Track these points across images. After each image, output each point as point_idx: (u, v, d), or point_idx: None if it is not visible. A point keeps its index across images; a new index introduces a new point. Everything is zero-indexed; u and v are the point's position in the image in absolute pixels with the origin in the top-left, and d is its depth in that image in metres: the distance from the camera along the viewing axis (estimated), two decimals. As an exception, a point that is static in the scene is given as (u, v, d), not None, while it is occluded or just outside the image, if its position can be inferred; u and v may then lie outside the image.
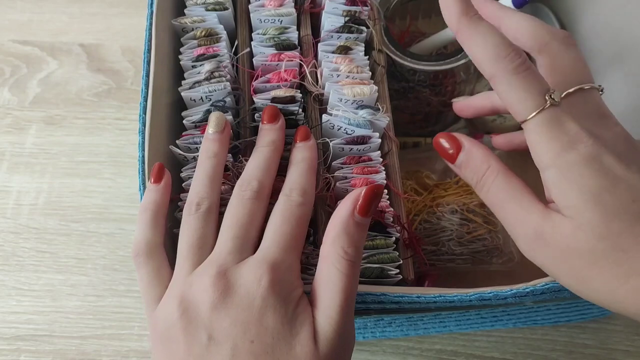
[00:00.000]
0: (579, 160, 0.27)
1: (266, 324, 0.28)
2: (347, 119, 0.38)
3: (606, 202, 0.27)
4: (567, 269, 0.29)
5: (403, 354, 0.49)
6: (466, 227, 0.46)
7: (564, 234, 0.28)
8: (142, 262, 0.32)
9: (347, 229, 0.30)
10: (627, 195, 0.27)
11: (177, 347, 0.28)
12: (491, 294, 0.33)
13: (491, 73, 0.29)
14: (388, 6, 0.49)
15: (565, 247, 0.28)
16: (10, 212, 0.55)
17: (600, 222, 0.27)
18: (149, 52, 0.39)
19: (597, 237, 0.27)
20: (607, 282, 0.28)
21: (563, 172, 0.28)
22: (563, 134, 0.28)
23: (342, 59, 0.40)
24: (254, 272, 0.29)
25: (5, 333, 0.50)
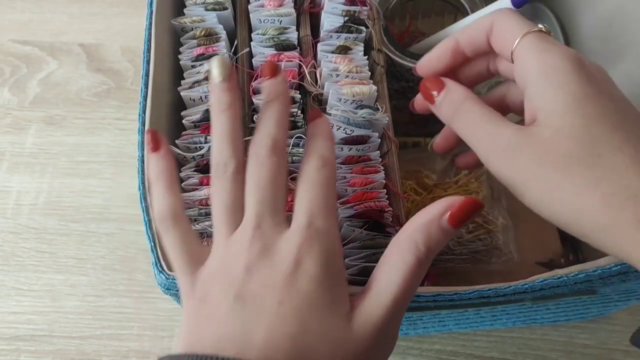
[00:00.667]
0: (566, 64, 0.29)
1: (299, 287, 0.27)
2: (347, 118, 0.38)
3: (589, 106, 0.28)
4: (537, 178, 0.29)
5: (402, 353, 0.49)
6: (466, 227, 0.46)
7: (541, 139, 0.28)
8: (170, 225, 0.30)
9: (428, 229, 0.29)
10: (611, 105, 0.28)
11: (209, 308, 0.28)
12: (490, 290, 0.33)
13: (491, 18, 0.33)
14: (387, 6, 0.49)
15: (539, 155, 0.28)
16: (10, 212, 0.55)
17: (580, 126, 0.28)
18: (148, 52, 0.39)
19: (575, 140, 0.28)
20: (576, 189, 0.27)
21: (549, 77, 0.29)
22: (551, 45, 0.30)
23: (342, 58, 0.40)
24: (294, 240, 0.28)
25: (5, 333, 0.50)
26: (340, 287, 0.28)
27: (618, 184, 0.26)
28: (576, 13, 0.53)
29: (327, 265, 0.28)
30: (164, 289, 0.34)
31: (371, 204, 0.36)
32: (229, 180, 0.30)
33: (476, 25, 0.34)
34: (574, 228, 0.28)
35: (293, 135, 0.38)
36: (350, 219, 0.35)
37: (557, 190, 0.28)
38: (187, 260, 0.29)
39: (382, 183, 0.37)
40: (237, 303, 0.27)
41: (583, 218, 0.27)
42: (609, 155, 0.27)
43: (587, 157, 0.27)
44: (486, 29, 0.33)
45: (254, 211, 0.29)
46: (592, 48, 0.51)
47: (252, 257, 0.28)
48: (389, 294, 0.28)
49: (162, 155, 0.32)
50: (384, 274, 0.29)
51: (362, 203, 0.36)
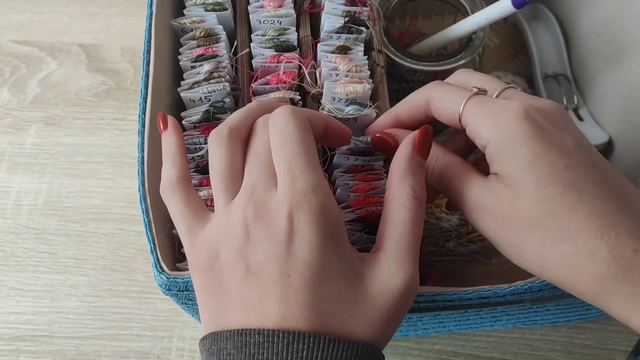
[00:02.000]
0: (513, 127, 0.29)
1: (302, 257, 0.27)
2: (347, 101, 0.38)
3: (540, 169, 0.28)
4: (506, 236, 0.30)
5: (402, 354, 0.49)
6: (465, 227, 0.46)
7: (502, 202, 0.29)
8: (169, 195, 0.31)
9: (411, 169, 0.31)
10: (560, 161, 0.29)
11: (218, 279, 0.28)
12: (490, 291, 0.33)
13: (425, 95, 0.34)
14: (388, 6, 0.49)
15: (505, 215, 0.30)
16: (10, 213, 0.55)
17: (534, 189, 0.28)
18: (148, 53, 0.39)
19: (531, 204, 0.28)
20: (539, 248, 0.29)
21: (500, 143, 0.29)
22: (493, 108, 0.30)
23: (341, 58, 0.40)
24: (279, 203, 0.28)
25: (5, 333, 0.50)
26: (343, 246, 0.28)
27: (575, 245, 0.28)
28: (576, 13, 0.53)
29: (322, 226, 0.27)
30: (164, 289, 0.34)
31: (372, 208, 0.36)
32: (220, 145, 0.31)
33: (412, 103, 0.35)
34: (543, 278, 0.30)
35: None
36: (352, 222, 0.35)
37: (522, 248, 0.30)
38: (187, 227, 0.30)
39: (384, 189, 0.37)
40: (247, 275, 0.28)
41: (548, 273, 0.29)
42: (565, 217, 0.28)
43: (545, 219, 0.28)
44: (422, 106, 0.34)
45: (249, 179, 0.29)
46: (592, 48, 0.51)
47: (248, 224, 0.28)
48: (406, 248, 0.29)
49: (167, 133, 0.33)
50: (392, 227, 0.30)
51: (364, 207, 0.36)
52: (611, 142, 0.48)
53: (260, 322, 0.27)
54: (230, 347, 0.27)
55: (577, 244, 0.28)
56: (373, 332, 0.28)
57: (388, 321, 0.28)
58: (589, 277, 0.27)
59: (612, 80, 0.49)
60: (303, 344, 0.26)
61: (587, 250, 0.27)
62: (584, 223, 0.27)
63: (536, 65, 0.54)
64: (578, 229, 0.27)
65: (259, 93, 0.40)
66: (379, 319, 0.28)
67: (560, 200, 0.28)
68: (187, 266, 0.33)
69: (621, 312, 0.27)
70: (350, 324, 0.27)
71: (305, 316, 0.27)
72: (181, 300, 0.35)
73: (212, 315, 0.29)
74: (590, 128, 0.50)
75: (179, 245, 0.36)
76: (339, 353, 0.26)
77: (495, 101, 0.31)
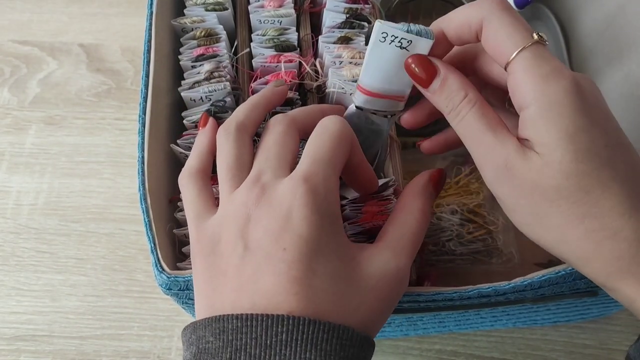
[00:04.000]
0: (562, 97, 0.28)
1: (300, 232, 0.27)
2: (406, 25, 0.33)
3: (580, 142, 0.28)
4: (527, 204, 0.29)
5: (402, 354, 0.49)
6: (466, 227, 0.46)
7: (532, 169, 0.28)
8: (185, 182, 0.32)
9: (425, 193, 0.33)
10: (601, 139, 0.28)
11: (218, 261, 0.29)
12: (490, 289, 0.33)
13: (480, 16, 0.30)
14: (389, 6, 0.49)
15: (531, 182, 0.29)
16: (10, 212, 0.55)
17: (569, 161, 0.28)
18: (148, 53, 0.39)
19: (564, 175, 0.28)
20: (561, 220, 0.28)
21: (543, 109, 0.28)
22: (549, 68, 0.28)
23: (344, 47, 0.40)
24: (289, 186, 0.29)
25: (5, 333, 0.50)
26: (340, 232, 0.29)
27: (601, 222, 0.27)
28: (576, 13, 0.53)
29: (321, 209, 0.28)
30: (164, 289, 0.33)
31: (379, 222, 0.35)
32: (228, 139, 0.32)
33: (464, 19, 0.31)
34: (555, 252, 0.30)
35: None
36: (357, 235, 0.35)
37: (543, 218, 0.29)
38: (196, 213, 0.31)
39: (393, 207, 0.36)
40: (245, 253, 0.28)
41: (563, 247, 0.29)
42: (597, 193, 0.28)
43: (575, 192, 0.28)
44: (474, 28, 0.30)
45: (257, 168, 0.30)
46: (592, 48, 0.51)
47: (251, 205, 0.29)
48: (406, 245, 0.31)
49: (204, 130, 0.35)
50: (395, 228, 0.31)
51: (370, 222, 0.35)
52: (611, 142, 0.48)
53: (252, 298, 0.27)
54: (209, 335, 0.27)
55: (602, 222, 0.27)
56: (362, 313, 0.28)
57: (378, 304, 0.29)
58: (607, 256, 0.27)
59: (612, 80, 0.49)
60: (282, 327, 0.26)
61: (612, 229, 0.27)
62: (614, 202, 0.27)
63: (536, 65, 0.54)
64: (607, 208, 0.27)
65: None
66: (370, 300, 0.28)
67: (596, 177, 0.27)
68: (188, 265, 0.33)
69: (631, 294, 0.27)
70: (341, 303, 0.28)
71: (296, 290, 0.27)
72: (182, 300, 0.35)
73: (207, 298, 0.29)
74: (591, 128, 0.50)
75: (180, 245, 0.36)
76: (319, 335, 0.26)
77: (551, 61, 0.29)
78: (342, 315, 0.27)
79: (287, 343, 0.26)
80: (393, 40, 0.32)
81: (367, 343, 0.28)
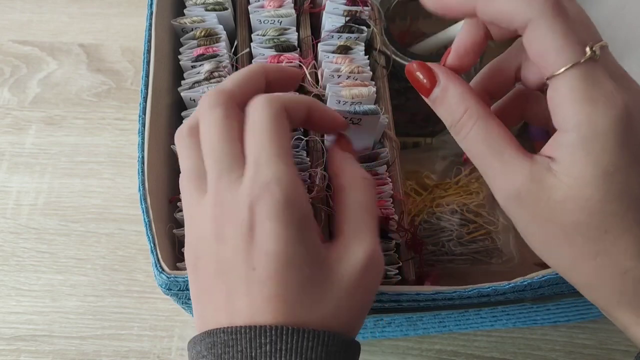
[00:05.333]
0: (607, 128, 0.25)
1: (266, 249, 0.26)
2: (353, 105, 0.36)
3: (615, 182, 0.25)
4: (539, 232, 0.28)
5: (402, 354, 0.49)
6: (466, 227, 0.46)
7: (551, 200, 0.26)
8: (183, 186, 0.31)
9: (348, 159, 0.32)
10: (637, 177, 0.26)
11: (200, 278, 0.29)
12: (490, 288, 0.33)
13: (527, 17, 0.25)
14: (389, 6, 0.49)
15: (548, 213, 0.27)
16: (10, 212, 0.55)
17: (598, 201, 0.25)
18: (148, 53, 0.39)
19: (587, 212, 0.26)
20: (574, 253, 0.27)
21: (586, 140, 0.25)
22: (599, 93, 0.25)
23: (343, 58, 0.40)
24: (245, 199, 0.27)
25: (5, 333, 0.50)
26: (309, 236, 0.27)
27: (613, 260, 0.26)
28: (576, 13, 0.53)
29: (285, 217, 0.26)
30: (164, 289, 0.34)
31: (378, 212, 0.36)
32: (182, 146, 0.30)
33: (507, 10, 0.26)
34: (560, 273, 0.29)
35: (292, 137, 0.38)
36: None
37: (554, 247, 0.28)
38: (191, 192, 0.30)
39: (389, 193, 0.37)
40: (218, 274, 0.28)
41: (571, 273, 0.28)
42: (615, 234, 0.26)
43: (594, 230, 0.26)
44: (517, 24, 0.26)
45: (212, 175, 0.28)
46: (593, 48, 0.51)
47: (218, 224, 0.28)
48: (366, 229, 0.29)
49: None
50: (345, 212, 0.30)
51: None
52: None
53: (231, 319, 0.27)
54: (203, 349, 0.27)
55: (614, 260, 0.26)
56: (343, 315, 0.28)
57: (357, 299, 0.28)
58: (612, 289, 0.27)
59: (612, 80, 0.49)
60: (266, 338, 0.26)
61: (623, 267, 0.26)
62: (631, 243, 0.26)
63: (536, 65, 0.54)
64: (623, 248, 0.26)
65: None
66: (348, 299, 0.28)
67: (620, 218, 0.26)
68: None
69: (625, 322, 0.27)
70: (320, 310, 0.27)
71: (272, 308, 0.26)
72: (181, 300, 0.35)
73: (198, 312, 0.29)
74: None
75: (179, 245, 0.36)
76: (303, 343, 0.26)
77: (603, 84, 0.25)
78: (323, 322, 0.27)
79: (272, 354, 0.25)
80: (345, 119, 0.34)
81: (353, 346, 0.28)
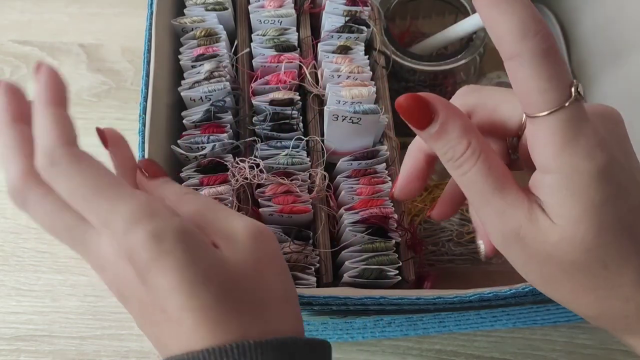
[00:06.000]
0: (591, 172, 0.24)
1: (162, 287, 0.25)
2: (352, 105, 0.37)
3: (605, 214, 0.25)
4: (538, 270, 0.27)
5: (402, 354, 0.49)
6: (466, 227, 0.46)
7: (547, 242, 0.26)
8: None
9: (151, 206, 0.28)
10: (625, 204, 0.25)
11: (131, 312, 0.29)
12: (491, 294, 0.33)
13: (514, 52, 0.24)
14: (388, 6, 0.49)
15: (545, 253, 0.26)
16: (10, 212, 0.55)
17: (593, 237, 0.25)
18: (148, 52, 0.39)
19: (582, 250, 0.25)
20: (574, 287, 0.27)
21: (569, 181, 0.25)
22: (581, 138, 0.24)
23: (343, 58, 0.40)
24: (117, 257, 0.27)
25: (5, 333, 0.50)
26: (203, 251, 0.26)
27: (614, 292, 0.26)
28: (576, 13, 0.53)
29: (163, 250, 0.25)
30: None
31: (376, 210, 0.36)
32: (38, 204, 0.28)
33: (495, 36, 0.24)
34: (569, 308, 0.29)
35: (292, 137, 0.38)
36: (355, 224, 0.35)
37: (554, 283, 0.28)
38: None
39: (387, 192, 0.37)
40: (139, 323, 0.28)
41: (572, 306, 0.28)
42: (614, 267, 0.26)
43: (592, 265, 0.26)
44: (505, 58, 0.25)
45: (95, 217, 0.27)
46: (592, 48, 0.51)
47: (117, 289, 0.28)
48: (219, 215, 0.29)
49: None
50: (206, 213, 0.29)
51: (367, 210, 0.36)
52: (611, 142, 0.48)
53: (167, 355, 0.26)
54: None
55: (615, 291, 0.26)
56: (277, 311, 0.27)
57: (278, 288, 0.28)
58: (615, 315, 0.27)
59: (612, 80, 0.49)
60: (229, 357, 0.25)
61: (623, 296, 0.26)
62: (630, 275, 0.26)
63: (536, 65, 0.54)
64: (622, 280, 0.26)
65: (259, 93, 0.40)
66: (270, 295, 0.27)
67: (615, 248, 0.25)
68: None
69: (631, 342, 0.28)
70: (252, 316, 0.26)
71: (201, 336, 0.25)
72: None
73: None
74: (591, 128, 0.50)
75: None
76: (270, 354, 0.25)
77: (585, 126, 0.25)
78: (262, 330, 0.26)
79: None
80: (345, 119, 0.35)
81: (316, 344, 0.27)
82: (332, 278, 0.36)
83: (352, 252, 0.35)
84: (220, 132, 0.38)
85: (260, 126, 0.39)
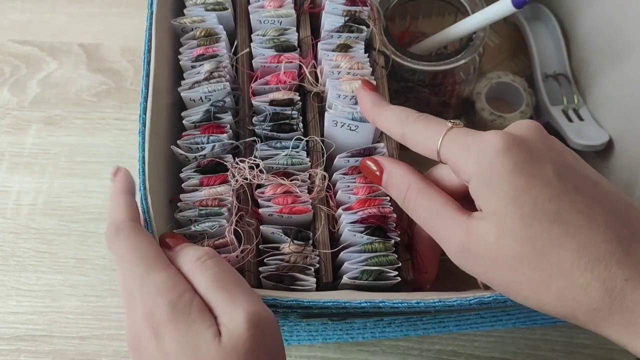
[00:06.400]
0: (493, 159, 0.28)
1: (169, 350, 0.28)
2: (350, 112, 0.37)
3: (523, 205, 0.27)
4: (496, 276, 0.29)
5: (403, 354, 0.49)
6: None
7: (489, 243, 0.28)
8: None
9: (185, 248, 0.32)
10: (543, 194, 0.28)
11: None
12: (491, 298, 0.33)
13: (401, 133, 0.33)
14: (388, 6, 0.49)
15: (492, 256, 0.28)
16: (10, 212, 0.55)
17: (520, 227, 0.27)
18: (148, 52, 0.39)
19: (519, 242, 0.27)
20: (532, 286, 0.28)
21: (481, 178, 0.29)
22: (473, 139, 0.30)
23: (342, 56, 0.40)
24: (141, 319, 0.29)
25: (5, 333, 0.50)
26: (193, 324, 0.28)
27: (568, 280, 0.27)
28: (576, 13, 0.53)
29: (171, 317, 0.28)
30: (164, 289, 0.33)
31: (374, 210, 0.36)
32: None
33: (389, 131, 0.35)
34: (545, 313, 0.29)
35: (292, 138, 0.38)
36: (354, 224, 0.35)
37: (515, 286, 0.29)
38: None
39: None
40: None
41: (545, 308, 0.29)
42: (553, 254, 0.27)
43: (533, 257, 0.27)
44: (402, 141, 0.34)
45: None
46: (592, 48, 0.51)
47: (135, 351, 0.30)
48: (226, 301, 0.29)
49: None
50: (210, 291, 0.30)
51: (366, 210, 0.36)
52: (611, 142, 0.48)
53: None
54: None
55: (570, 279, 0.27)
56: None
57: None
58: (586, 309, 0.27)
59: (612, 80, 0.49)
60: None
61: (580, 284, 0.27)
62: (572, 259, 0.27)
63: (536, 65, 0.54)
64: (568, 265, 0.27)
65: (259, 93, 0.40)
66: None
67: (547, 237, 0.27)
68: None
69: (621, 339, 0.27)
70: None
71: None
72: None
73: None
74: (591, 128, 0.50)
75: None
76: None
77: (472, 134, 0.30)
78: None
79: None
80: (343, 125, 0.38)
81: None
82: (331, 279, 0.36)
83: (351, 253, 0.35)
84: (220, 132, 0.38)
85: (260, 126, 0.39)
